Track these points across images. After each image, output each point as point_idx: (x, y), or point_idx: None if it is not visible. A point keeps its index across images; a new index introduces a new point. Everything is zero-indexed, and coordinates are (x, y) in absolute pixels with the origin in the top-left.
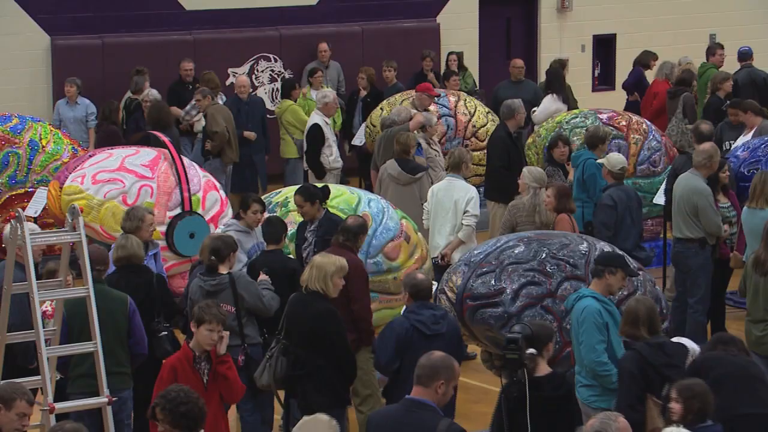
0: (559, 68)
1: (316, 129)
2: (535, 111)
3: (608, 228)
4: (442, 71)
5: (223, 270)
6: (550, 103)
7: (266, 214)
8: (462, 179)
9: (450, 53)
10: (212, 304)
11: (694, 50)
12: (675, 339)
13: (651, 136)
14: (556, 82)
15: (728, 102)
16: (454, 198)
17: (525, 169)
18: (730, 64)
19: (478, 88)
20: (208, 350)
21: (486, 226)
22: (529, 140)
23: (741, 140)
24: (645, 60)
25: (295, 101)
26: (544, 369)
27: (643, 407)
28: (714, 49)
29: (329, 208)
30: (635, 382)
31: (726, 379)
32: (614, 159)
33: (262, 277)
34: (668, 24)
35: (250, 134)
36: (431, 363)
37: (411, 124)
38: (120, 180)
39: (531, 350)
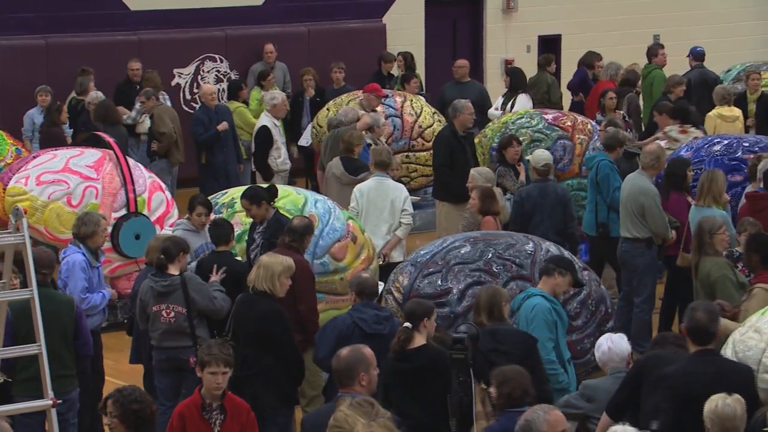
0: (520, 69)
1: (264, 131)
2: (496, 110)
3: (515, 223)
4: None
5: (174, 271)
6: (525, 101)
7: (212, 216)
8: (390, 178)
9: (399, 53)
10: (213, 344)
11: (639, 51)
12: (612, 336)
13: (596, 137)
14: (522, 81)
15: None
16: (390, 197)
17: (474, 171)
18: (674, 65)
19: (424, 90)
20: (219, 396)
21: (433, 226)
22: (476, 140)
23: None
24: (589, 61)
25: (243, 102)
26: (418, 342)
27: (469, 391)
28: (655, 49)
29: (277, 209)
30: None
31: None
32: (538, 156)
33: (214, 278)
34: (613, 25)
35: (223, 125)
36: (344, 363)
37: (358, 125)
38: (64, 181)
39: (407, 324)
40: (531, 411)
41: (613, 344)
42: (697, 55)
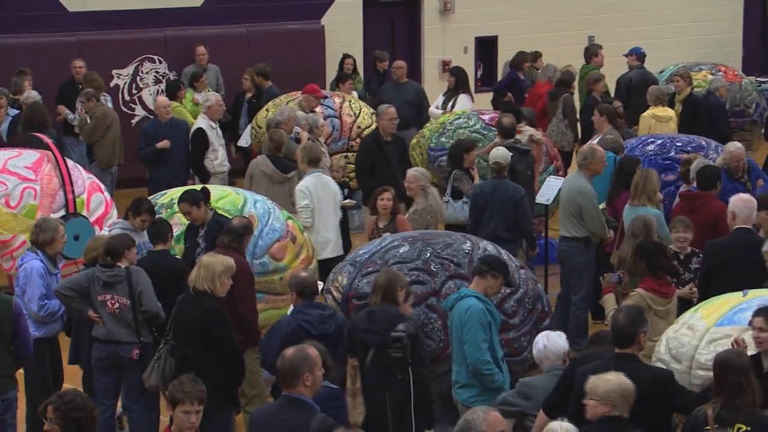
0: (463, 69)
1: (199, 133)
2: (437, 109)
3: (470, 217)
4: (328, 74)
5: (122, 265)
6: (466, 101)
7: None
8: (323, 173)
9: (346, 56)
10: (186, 380)
11: (574, 52)
12: (549, 333)
13: None
14: (465, 81)
15: (601, 103)
16: (331, 191)
17: (413, 171)
18: (609, 65)
19: (366, 95)
20: None
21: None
22: (414, 141)
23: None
24: (519, 62)
25: (181, 102)
26: None
27: (344, 365)
28: (594, 49)
29: (215, 210)
30: (342, 343)
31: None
32: (493, 154)
33: None
34: (548, 26)
35: (164, 143)
36: (288, 363)
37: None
38: (2, 182)
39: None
40: (471, 411)
41: (550, 342)
42: (639, 56)
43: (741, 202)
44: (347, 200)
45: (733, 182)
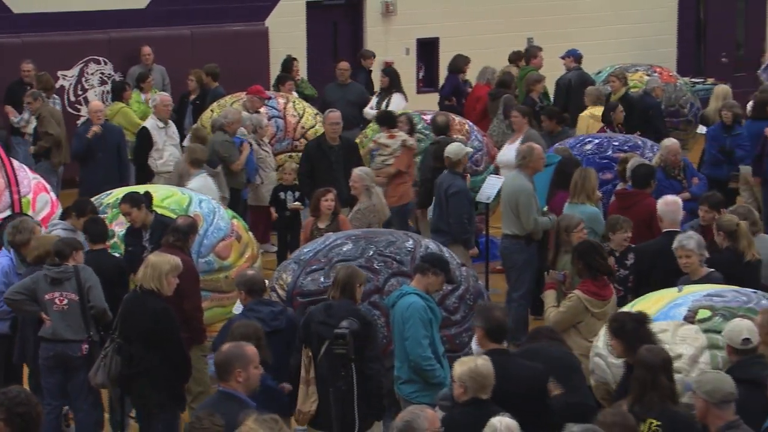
0: (395, 69)
1: (143, 132)
2: (371, 109)
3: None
4: (272, 75)
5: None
6: (400, 101)
7: None
8: (207, 174)
9: (293, 59)
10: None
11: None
12: None
13: (473, 137)
14: (398, 81)
15: (541, 103)
16: (214, 192)
17: (358, 171)
18: (548, 67)
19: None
20: None
21: None
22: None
23: (507, 146)
24: (458, 65)
25: (127, 103)
26: None
27: (300, 355)
28: (533, 51)
29: (160, 209)
30: (298, 333)
31: None
32: (448, 148)
33: None
34: (488, 28)
35: (95, 129)
36: (222, 358)
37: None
38: None
39: None
40: (407, 412)
41: None
42: (575, 58)
43: (665, 206)
44: (296, 203)
45: (669, 179)
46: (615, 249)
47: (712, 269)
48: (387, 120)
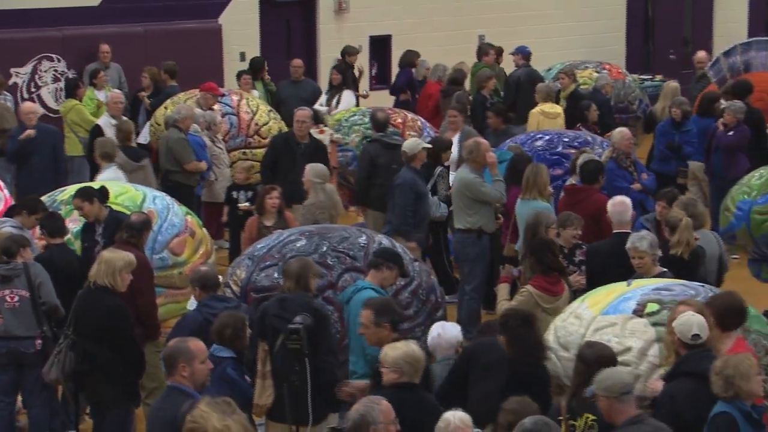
0: (347, 66)
1: (96, 130)
2: (321, 106)
3: None
4: (225, 72)
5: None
6: (351, 98)
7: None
8: (117, 167)
9: (264, 59)
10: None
11: (466, 51)
12: (444, 323)
13: (425, 133)
14: (351, 78)
15: (492, 100)
16: None
17: (308, 167)
18: (502, 64)
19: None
20: None
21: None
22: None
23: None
24: (410, 60)
25: (80, 100)
26: None
27: (256, 349)
28: (486, 49)
29: (114, 205)
30: (253, 327)
31: (496, 364)
32: (405, 143)
33: None
34: (440, 25)
35: (28, 133)
36: (168, 352)
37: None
38: None
39: None
40: (362, 404)
41: (444, 332)
42: (524, 55)
43: (612, 207)
44: (246, 203)
45: (621, 169)
46: (563, 245)
47: (665, 269)
48: (315, 117)
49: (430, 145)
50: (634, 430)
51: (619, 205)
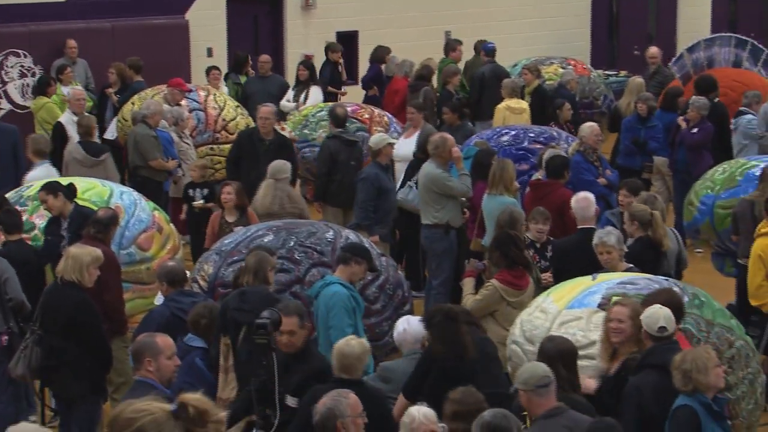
0: (313, 62)
1: (58, 127)
2: (288, 102)
3: None
4: (193, 68)
5: None
6: (318, 93)
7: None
8: (50, 164)
9: (247, 54)
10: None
11: (432, 47)
12: (410, 318)
13: (392, 128)
14: (315, 74)
15: (457, 95)
16: None
17: (272, 163)
18: (467, 60)
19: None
20: None
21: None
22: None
23: (403, 140)
24: (380, 56)
25: (50, 98)
26: None
27: (219, 344)
28: (453, 44)
29: (81, 201)
30: (216, 323)
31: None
32: (371, 138)
33: None
34: (406, 21)
35: None
36: (135, 347)
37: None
38: None
39: None
40: (329, 398)
41: (409, 326)
42: (488, 51)
43: (576, 203)
44: (200, 201)
45: (588, 163)
46: (535, 240)
47: (631, 264)
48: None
49: (395, 141)
50: (550, 423)
51: (583, 201)
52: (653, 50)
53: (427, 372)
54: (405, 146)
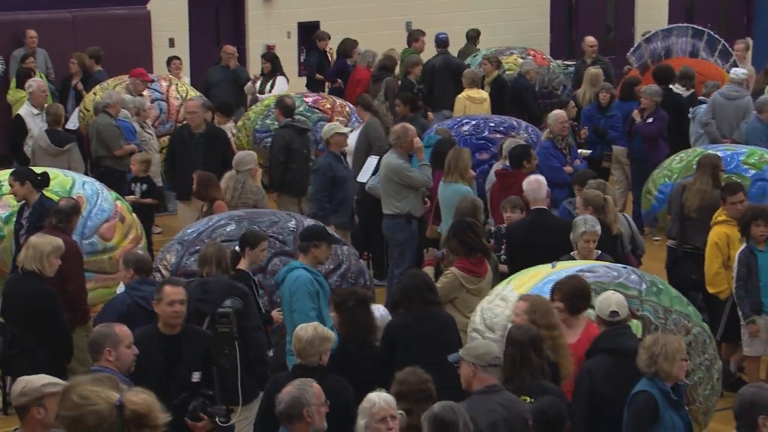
0: (275, 53)
1: (17, 120)
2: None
3: None
4: (155, 58)
5: None
6: (283, 83)
7: None
8: None
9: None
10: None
11: (393, 37)
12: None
13: (354, 118)
14: (279, 64)
15: (419, 86)
16: None
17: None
18: (431, 51)
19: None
20: None
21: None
22: (240, 123)
23: (353, 134)
24: (345, 49)
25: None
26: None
27: None
28: (416, 35)
29: (45, 191)
30: None
31: (413, 341)
32: (324, 128)
33: None
34: (367, 12)
35: None
36: (93, 337)
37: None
38: None
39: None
40: (294, 387)
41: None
42: (439, 42)
43: (528, 185)
44: (132, 196)
45: (557, 150)
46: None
47: (600, 251)
48: (226, 107)
49: (346, 130)
50: (487, 399)
51: (534, 183)
52: (590, 39)
53: (389, 355)
54: (351, 138)
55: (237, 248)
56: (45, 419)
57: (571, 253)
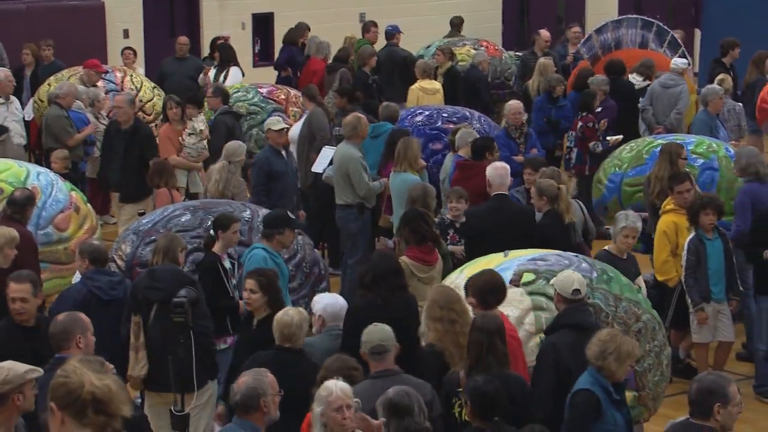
0: (227, 44)
1: None
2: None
3: None
4: (109, 49)
5: None
6: (237, 74)
7: None
8: None
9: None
10: None
11: (347, 28)
12: (326, 295)
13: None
14: (232, 55)
15: (373, 76)
16: None
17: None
18: (382, 41)
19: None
20: None
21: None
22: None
23: (297, 125)
24: (293, 37)
25: None
26: (215, 248)
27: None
28: (368, 26)
29: None
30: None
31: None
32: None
33: None
34: (322, 3)
35: None
36: (60, 326)
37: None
38: None
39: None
40: (250, 378)
41: (329, 303)
42: (386, 34)
43: (493, 170)
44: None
45: (509, 140)
46: (453, 219)
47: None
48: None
49: (283, 126)
50: (382, 382)
51: (501, 169)
52: (545, 34)
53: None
54: (295, 128)
55: (212, 232)
56: (23, 405)
57: (606, 248)
